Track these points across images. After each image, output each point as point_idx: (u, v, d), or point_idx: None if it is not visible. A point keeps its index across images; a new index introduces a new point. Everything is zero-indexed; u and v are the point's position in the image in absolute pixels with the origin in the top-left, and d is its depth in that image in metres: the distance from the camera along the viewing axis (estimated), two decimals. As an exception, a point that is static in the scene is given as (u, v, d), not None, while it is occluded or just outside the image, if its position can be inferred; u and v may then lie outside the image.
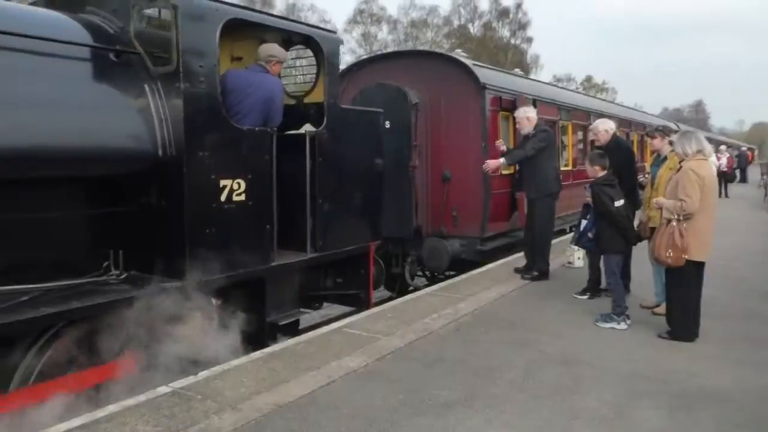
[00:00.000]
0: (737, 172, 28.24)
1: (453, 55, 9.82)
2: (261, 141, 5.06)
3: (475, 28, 55.36)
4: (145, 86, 4.40)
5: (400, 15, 53.43)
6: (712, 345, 5.04)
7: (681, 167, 5.11)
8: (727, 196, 21.52)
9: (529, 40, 56.48)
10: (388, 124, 7.33)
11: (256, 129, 5.05)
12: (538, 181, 7.24)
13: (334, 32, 6.48)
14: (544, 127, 7.56)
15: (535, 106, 9.07)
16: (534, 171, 7.26)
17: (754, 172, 33.96)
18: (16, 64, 3.84)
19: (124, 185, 4.52)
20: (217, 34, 4.66)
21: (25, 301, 3.75)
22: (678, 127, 20.00)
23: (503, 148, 7.67)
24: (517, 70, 14.72)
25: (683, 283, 5.09)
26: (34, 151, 3.81)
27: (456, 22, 55.13)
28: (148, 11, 4.66)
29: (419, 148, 8.64)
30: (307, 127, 5.80)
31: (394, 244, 8.62)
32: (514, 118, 8.63)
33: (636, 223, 6.11)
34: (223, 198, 4.68)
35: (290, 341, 4.88)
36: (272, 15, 6.51)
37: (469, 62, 9.16)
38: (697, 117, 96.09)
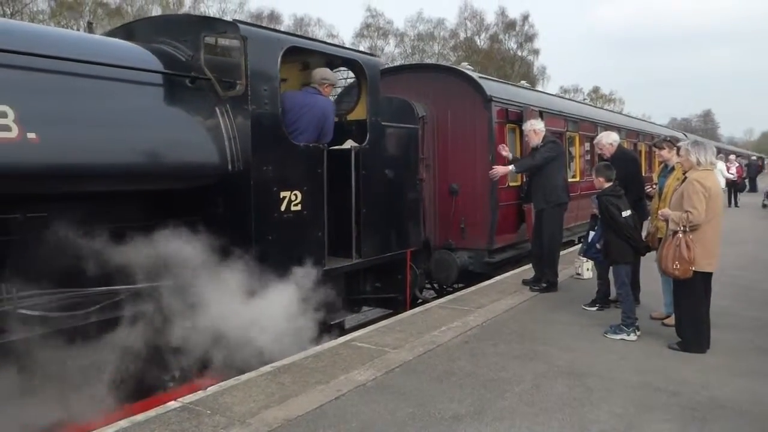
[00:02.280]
0: (747, 182, 28.05)
1: (459, 68, 9.85)
2: (315, 156, 5.60)
3: (481, 41, 55.57)
4: (216, 108, 4.95)
5: (407, 28, 53.78)
6: (723, 356, 5.01)
7: (685, 178, 5.11)
8: (737, 205, 21.40)
9: (536, 51, 56.66)
10: None
11: (311, 145, 5.56)
12: (546, 191, 7.23)
13: (375, 55, 7.06)
14: (552, 138, 7.56)
15: (541, 118, 9.09)
16: (542, 182, 7.26)
17: (765, 181, 33.74)
18: (113, 90, 4.37)
19: (195, 197, 4.92)
20: (279, 60, 5.20)
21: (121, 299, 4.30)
22: (687, 137, 19.96)
23: (506, 153, 7.68)
24: (524, 82, 14.75)
25: (691, 295, 5.07)
26: (129, 168, 4.36)
27: (462, 35, 55.35)
28: (218, 41, 5.19)
29: (426, 160, 8.65)
30: (350, 143, 6.28)
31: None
32: (521, 131, 8.66)
33: (644, 234, 6.09)
34: (282, 208, 5.20)
35: (298, 355, 4.88)
36: (321, 41, 7.11)
37: (475, 75, 9.20)
38: (705, 127, 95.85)
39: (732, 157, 26.36)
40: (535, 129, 7.39)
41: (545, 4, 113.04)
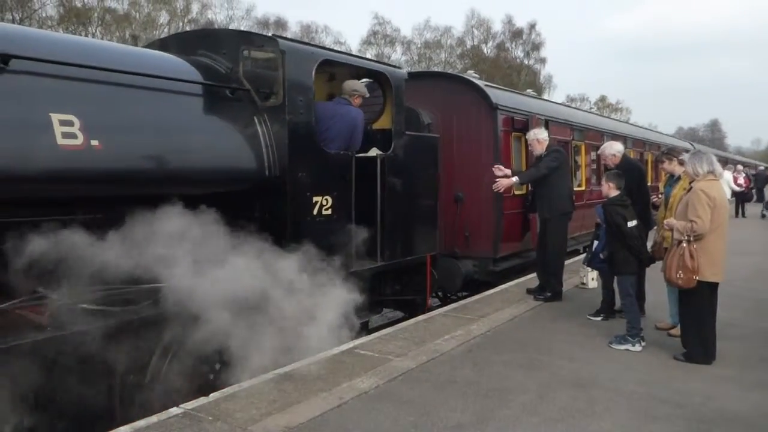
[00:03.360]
0: (754, 192, 27.89)
1: (465, 76, 9.86)
2: (345, 163, 5.88)
3: (488, 49, 55.70)
4: (254, 117, 5.26)
5: (414, 36, 53.91)
6: (729, 367, 4.97)
7: (691, 187, 5.09)
8: (744, 215, 21.31)
9: (543, 60, 56.75)
10: None
11: (341, 153, 5.84)
12: (551, 200, 7.21)
13: (401, 68, 7.30)
14: (556, 147, 7.55)
15: (547, 127, 9.07)
16: (547, 191, 7.24)
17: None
18: (164, 100, 4.68)
19: (234, 201, 5.09)
20: (313, 73, 5.50)
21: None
22: (693, 146, 19.89)
23: (502, 172, 7.55)
24: (530, 91, 14.74)
25: (696, 305, 5.04)
26: (179, 173, 4.65)
27: (469, 43, 55.49)
28: (256, 54, 5.50)
29: (431, 168, 8.65)
30: (375, 151, 6.47)
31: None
32: (526, 139, 8.64)
33: (650, 244, 6.06)
34: (315, 212, 5.50)
35: (301, 362, 4.86)
36: (351, 55, 7.41)
37: (481, 83, 9.19)
38: (713, 136, 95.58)
39: (739, 167, 26.24)
40: (539, 138, 7.38)
41: (552, 12, 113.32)
